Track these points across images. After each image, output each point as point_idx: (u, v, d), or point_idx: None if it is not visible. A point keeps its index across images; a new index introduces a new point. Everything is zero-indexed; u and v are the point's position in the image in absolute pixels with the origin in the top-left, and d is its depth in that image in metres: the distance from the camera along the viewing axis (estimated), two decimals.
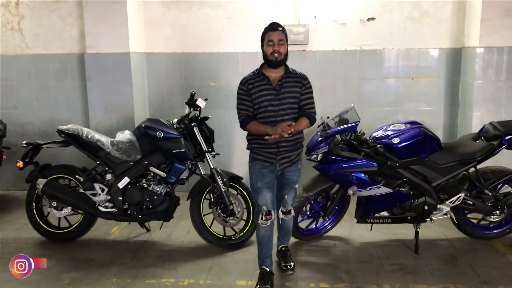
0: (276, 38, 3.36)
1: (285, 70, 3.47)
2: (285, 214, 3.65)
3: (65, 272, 3.78)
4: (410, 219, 4.06)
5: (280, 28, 3.41)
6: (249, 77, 3.50)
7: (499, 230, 4.26)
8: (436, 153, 3.97)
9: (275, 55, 3.36)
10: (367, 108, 5.35)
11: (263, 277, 3.46)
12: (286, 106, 3.41)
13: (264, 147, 3.42)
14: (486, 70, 5.00)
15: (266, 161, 3.45)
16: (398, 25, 5.38)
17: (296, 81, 3.47)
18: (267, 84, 3.42)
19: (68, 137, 4.20)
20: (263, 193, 3.45)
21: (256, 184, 3.48)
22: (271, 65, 3.42)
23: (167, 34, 5.54)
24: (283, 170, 3.49)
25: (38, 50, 5.66)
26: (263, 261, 3.54)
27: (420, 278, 3.61)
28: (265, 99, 3.40)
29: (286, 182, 3.57)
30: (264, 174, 3.46)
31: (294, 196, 3.65)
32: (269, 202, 3.45)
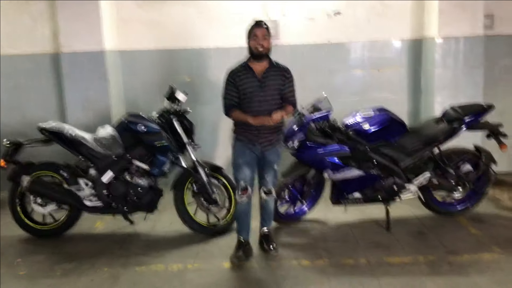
0: (260, 34, 3.73)
1: (269, 63, 3.83)
2: (267, 194, 3.87)
3: (56, 264, 3.88)
4: (381, 199, 4.35)
5: (265, 26, 3.78)
6: (236, 69, 3.84)
7: (462, 206, 4.61)
8: (403, 137, 4.29)
9: (259, 48, 3.72)
10: (336, 98, 5.53)
11: (238, 246, 3.88)
12: (269, 97, 3.76)
13: (247, 131, 3.78)
14: (445, 59, 5.35)
15: (249, 143, 3.80)
16: (363, 18, 5.67)
17: (279, 74, 3.83)
18: (252, 76, 3.77)
19: (50, 135, 4.27)
20: (242, 169, 3.78)
21: (237, 161, 3.83)
22: (256, 57, 3.78)
23: (140, 32, 5.65)
24: (263, 151, 3.81)
25: (10, 50, 5.65)
26: (240, 232, 3.93)
27: (392, 252, 3.91)
28: (250, 90, 3.75)
29: (266, 163, 3.85)
30: (245, 152, 3.82)
31: (273, 176, 3.88)
32: (247, 178, 3.77)
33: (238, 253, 3.83)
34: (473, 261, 3.72)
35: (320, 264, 3.75)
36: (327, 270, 3.64)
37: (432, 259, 3.76)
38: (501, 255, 3.80)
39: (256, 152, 3.82)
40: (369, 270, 3.62)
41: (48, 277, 3.68)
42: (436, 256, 3.81)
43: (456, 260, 3.73)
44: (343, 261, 3.79)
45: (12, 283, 3.60)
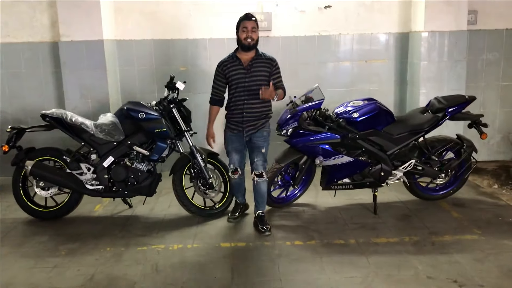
0: (249, 26, 4.06)
1: (255, 53, 4.17)
2: (258, 177, 4.18)
3: (60, 244, 4.06)
4: (369, 184, 4.59)
5: (254, 18, 4.10)
6: (224, 60, 4.21)
7: (445, 191, 4.88)
8: (390, 125, 4.52)
9: (248, 40, 4.06)
10: (325, 88, 5.70)
11: (235, 207, 4.55)
12: (254, 84, 4.10)
13: (232, 117, 4.23)
14: (430, 52, 5.60)
15: (234, 129, 4.23)
16: (352, 11, 5.89)
17: (265, 63, 4.18)
18: (239, 65, 4.13)
19: (53, 121, 4.42)
20: (232, 155, 4.28)
21: (227, 148, 4.32)
22: (244, 48, 4.11)
23: (136, 22, 5.80)
24: (250, 136, 4.19)
25: (8, 38, 5.76)
26: (236, 197, 4.54)
27: (379, 233, 4.17)
28: (236, 78, 4.13)
29: (253, 146, 4.22)
30: (233, 139, 4.26)
31: (262, 159, 4.20)
32: (236, 162, 4.27)
33: (234, 214, 4.47)
34: (455, 241, 3.99)
35: (312, 244, 3.98)
36: (319, 250, 3.88)
37: (416, 240, 4.02)
38: (480, 236, 4.07)
39: (244, 138, 4.20)
40: (358, 249, 3.87)
41: (53, 256, 3.86)
42: (420, 237, 4.07)
43: (439, 240, 4.00)
44: (333, 241, 4.03)
45: (20, 263, 3.77)
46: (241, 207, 4.54)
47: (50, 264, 3.72)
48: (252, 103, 4.13)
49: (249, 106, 4.14)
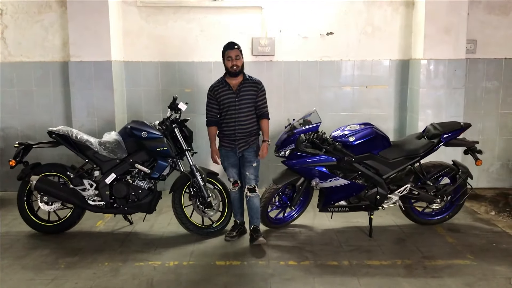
0: (233, 55, 4.39)
1: (243, 77, 4.47)
2: (251, 192, 4.41)
3: (59, 258, 4.18)
4: (365, 207, 4.67)
5: (236, 46, 4.43)
6: (215, 84, 4.55)
7: (440, 217, 4.94)
8: (386, 150, 4.61)
9: (233, 68, 4.39)
10: (326, 112, 5.95)
11: (234, 226, 4.66)
12: (244, 106, 4.42)
13: (226, 136, 4.51)
14: (430, 79, 5.72)
15: (228, 147, 4.50)
16: (354, 39, 6.05)
17: (252, 86, 4.47)
18: (228, 89, 4.44)
19: (58, 138, 4.58)
20: (229, 169, 4.56)
21: (224, 164, 4.60)
22: (231, 74, 4.45)
23: (145, 45, 6.01)
24: (242, 152, 4.46)
25: (21, 58, 6.00)
26: (235, 215, 4.69)
27: (373, 256, 4.22)
28: (227, 102, 4.43)
29: (245, 161, 4.48)
30: (228, 156, 4.53)
31: (254, 173, 4.47)
32: (234, 175, 4.54)
33: (232, 232, 4.60)
34: (447, 266, 4.03)
35: (306, 265, 4.05)
36: (312, 270, 3.95)
37: (409, 263, 4.08)
38: (473, 262, 4.11)
39: (237, 154, 4.48)
40: (351, 271, 3.93)
41: (53, 269, 3.97)
42: (413, 260, 4.13)
43: (431, 264, 4.05)
44: (327, 262, 4.10)
45: (20, 274, 3.88)
46: (239, 227, 4.65)
47: (49, 277, 3.83)
48: (243, 123, 4.42)
49: (240, 126, 4.41)
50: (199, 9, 5.95)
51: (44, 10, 5.90)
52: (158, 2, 5.91)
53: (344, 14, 6.00)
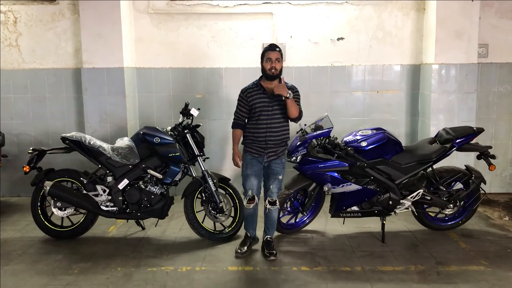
0: (274, 57, 4.15)
1: (279, 82, 4.21)
2: (271, 205, 4.26)
3: (73, 263, 4.21)
4: (377, 212, 4.65)
5: (278, 49, 4.19)
6: (248, 87, 4.32)
7: (453, 222, 4.90)
8: (398, 155, 4.60)
9: (272, 70, 4.15)
10: (338, 118, 5.94)
11: (244, 239, 4.45)
12: (278, 112, 4.21)
13: (255, 142, 4.25)
14: (441, 84, 5.70)
15: (256, 153, 4.25)
16: (364, 44, 6.05)
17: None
18: (262, 93, 4.22)
19: (72, 144, 4.63)
20: (251, 179, 4.25)
21: (246, 171, 4.28)
22: (269, 78, 4.21)
23: (156, 51, 6.06)
24: (269, 162, 4.25)
25: (35, 65, 6.08)
26: (247, 230, 4.48)
27: (386, 262, 4.20)
28: (260, 106, 4.20)
29: (271, 172, 4.28)
30: (253, 163, 4.27)
31: (278, 186, 4.28)
32: (255, 187, 4.24)
33: (243, 247, 4.35)
34: (461, 272, 4.00)
35: (318, 270, 4.04)
36: (325, 276, 3.94)
37: (422, 269, 4.05)
38: (487, 268, 4.08)
39: (263, 163, 4.27)
40: (364, 277, 3.91)
41: (66, 274, 4.00)
42: (426, 266, 4.10)
43: (445, 270, 4.02)
44: (339, 268, 4.08)
45: (34, 280, 3.91)
46: (250, 241, 4.46)
47: (63, 282, 3.85)
48: (275, 130, 4.22)
49: (271, 133, 4.21)
50: (210, 16, 5.99)
51: (57, 17, 5.98)
52: (169, 9, 5.97)
53: (355, 20, 6.00)
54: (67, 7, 5.95)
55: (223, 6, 5.94)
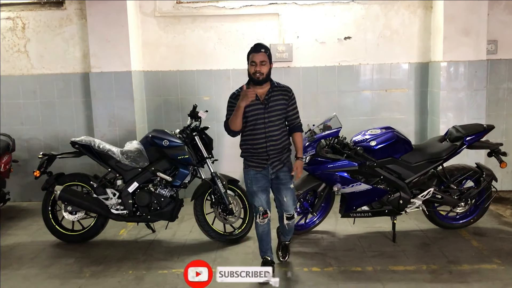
0: (258, 60, 3.67)
1: (270, 85, 3.81)
2: (289, 219, 3.90)
3: (84, 267, 4.23)
4: (388, 212, 4.62)
5: (263, 50, 3.70)
6: (238, 92, 3.81)
7: (465, 220, 4.86)
8: (408, 154, 4.57)
9: (257, 75, 3.69)
10: (346, 117, 5.90)
11: (264, 264, 3.91)
12: (275, 118, 3.78)
13: (255, 155, 3.82)
14: (449, 82, 5.66)
15: (258, 167, 3.83)
16: (372, 43, 6.02)
17: (282, 94, 3.82)
18: (255, 100, 3.71)
19: (81, 148, 4.65)
20: (258, 195, 3.82)
21: (252, 188, 3.85)
22: (255, 83, 3.75)
23: (163, 54, 6.08)
24: (276, 172, 3.84)
25: (43, 70, 6.12)
26: (265, 253, 3.98)
27: (397, 261, 4.18)
28: (253, 114, 3.75)
29: (280, 183, 3.85)
30: (258, 178, 3.83)
31: (292, 197, 3.88)
32: (264, 203, 3.82)
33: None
34: (473, 270, 3.96)
35: (329, 271, 4.03)
36: (336, 276, 3.93)
37: (434, 268, 4.02)
38: (500, 266, 4.04)
39: (269, 175, 3.85)
40: (375, 277, 3.89)
41: (78, 278, 4.02)
42: (438, 265, 4.07)
43: (457, 269, 3.99)
44: (350, 268, 4.07)
45: (46, 283, 3.94)
46: (272, 264, 3.93)
47: (75, 286, 3.88)
48: (274, 138, 3.78)
49: (271, 142, 3.77)
50: (216, 18, 6.00)
51: (64, 23, 6.02)
52: (175, 12, 5.98)
53: (362, 19, 5.98)
54: (75, 12, 5.98)
55: (229, 7, 5.95)
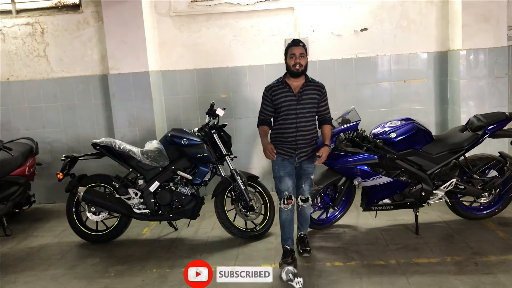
0: (297, 52, 3.93)
1: (305, 79, 4.03)
2: (304, 202, 4.15)
3: (109, 266, 4.30)
4: (410, 204, 4.57)
5: (301, 44, 3.97)
6: (273, 84, 4.06)
7: (489, 210, 4.78)
8: (429, 145, 4.51)
9: (296, 66, 3.92)
10: (365, 110, 5.84)
11: (285, 254, 4.05)
12: (306, 111, 3.97)
13: (285, 143, 4.02)
14: (470, 70, 5.55)
15: (286, 155, 4.02)
16: (389, 33, 5.95)
17: (315, 89, 4.03)
18: (288, 91, 3.98)
19: (102, 149, 4.72)
20: (285, 180, 4.02)
21: (279, 173, 4.04)
22: (293, 75, 3.97)
23: (180, 53, 6.11)
24: (300, 162, 4.06)
25: (63, 73, 6.21)
26: (286, 241, 4.11)
27: (421, 254, 4.14)
28: (286, 105, 3.97)
29: (303, 173, 4.11)
30: (285, 164, 4.04)
31: (310, 185, 4.16)
32: (290, 188, 4.02)
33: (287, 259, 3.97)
34: (499, 262, 3.90)
35: (352, 265, 4.01)
36: (359, 271, 3.91)
37: (458, 260, 3.97)
38: None
39: (294, 163, 4.06)
40: (399, 270, 3.86)
41: (103, 277, 4.09)
42: (463, 257, 4.02)
43: (482, 261, 3.93)
44: (373, 262, 4.04)
45: (73, 284, 4.02)
46: (292, 254, 4.07)
47: (101, 285, 3.94)
48: (304, 130, 3.99)
49: (301, 133, 3.98)
50: (231, 15, 6.00)
51: (82, 26, 6.09)
52: (190, 11, 6.00)
53: (378, 9, 5.90)
54: (91, 15, 6.06)
55: (244, 4, 5.95)
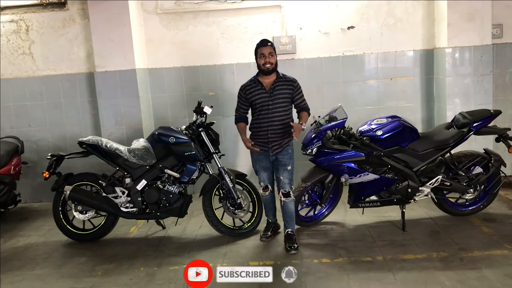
0: (266, 52, 4.25)
1: (276, 76, 4.33)
2: (285, 196, 4.32)
3: (96, 265, 4.27)
4: (396, 201, 4.61)
5: (269, 43, 4.29)
6: (246, 83, 4.42)
7: (474, 207, 4.84)
8: (415, 142, 4.55)
9: (266, 65, 4.26)
10: (352, 107, 5.88)
11: (267, 226, 4.65)
12: (278, 106, 4.28)
13: (257, 138, 4.37)
14: (455, 68, 5.61)
15: (261, 148, 4.34)
16: (375, 31, 5.98)
17: (287, 84, 4.33)
18: (261, 89, 4.31)
19: (89, 148, 4.68)
20: (260, 173, 4.48)
21: (255, 167, 4.49)
22: (264, 73, 4.31)
23: (167, 51, 6.08)
24: (276, 155, 4.32)
25: (48, 71, 6.15)
26: (267, 216, 4.66)
27: (408, 250, 4.18)
28: (259, 101, 4.30)
29: (279, 164, 4.35)
30: (260, 158, 4.41)
31: (289, 177, 4.34)
32: (266, 179, 4.47)
33: (266, 233, 4.58)
34: (484, 257, 3.96)
35: (339, 262, 4.04)
36: (346, 267, 3.94)
37: (444, 255, 4.02)
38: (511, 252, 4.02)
39: (270, 157, 4.35)
40: (386, 266, 3.90)
41: (91, 276, 4.07)
42: (448, 253, 4.06)
43: (468, 256, 3.98)
44: (361, 258, 4.07)
45: (60, 283, 3.99)
46: (272, 226, 4.64)
47: (88, 284, 3.92)
48: (276, 124, 4.28)
49: (273, 127, 4.27)
50: (218, 12, 5.98)
51: (67, 23, 6.04)
52: (177, 8, 5.98)
53: (365, 7, 5.93)
54: (77, 13, 6.00)
55: (231, 1, 5.93)
